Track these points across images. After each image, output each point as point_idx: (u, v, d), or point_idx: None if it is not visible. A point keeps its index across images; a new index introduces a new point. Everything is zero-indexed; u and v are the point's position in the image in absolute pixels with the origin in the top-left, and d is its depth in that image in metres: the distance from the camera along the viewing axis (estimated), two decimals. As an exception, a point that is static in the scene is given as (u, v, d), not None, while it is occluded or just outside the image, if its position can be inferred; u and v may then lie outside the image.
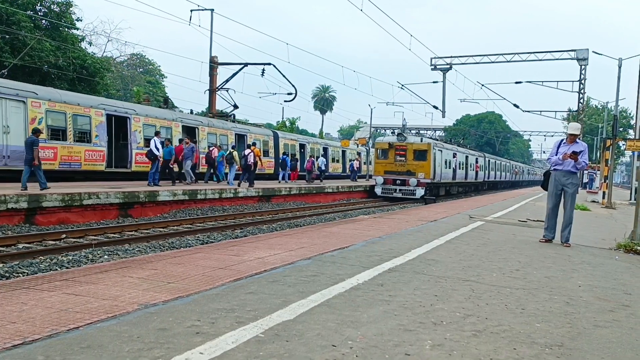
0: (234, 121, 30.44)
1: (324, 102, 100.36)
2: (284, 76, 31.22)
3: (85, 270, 5.17)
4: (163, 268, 5.27)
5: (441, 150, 32.68)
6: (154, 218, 15.74)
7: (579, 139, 8.47)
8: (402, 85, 39.26)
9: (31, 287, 4.32)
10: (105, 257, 9.68)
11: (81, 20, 35.03)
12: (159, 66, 69.36)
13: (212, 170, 23.65)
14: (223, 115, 30.52)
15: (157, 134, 19.76)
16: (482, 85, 38.92)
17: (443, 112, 41.18)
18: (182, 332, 3.23)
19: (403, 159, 30.66)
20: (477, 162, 43.89)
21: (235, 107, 31.47)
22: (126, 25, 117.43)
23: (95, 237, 11.82)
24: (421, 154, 30.52)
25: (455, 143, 41.25)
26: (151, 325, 3.35)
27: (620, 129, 58.40)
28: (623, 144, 32.56)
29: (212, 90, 31.75)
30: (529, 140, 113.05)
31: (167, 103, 26.84)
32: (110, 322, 3.39)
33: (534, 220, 12.27)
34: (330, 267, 5.55)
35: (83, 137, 19.45)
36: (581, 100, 38.37)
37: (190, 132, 24.89)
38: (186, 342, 3.05)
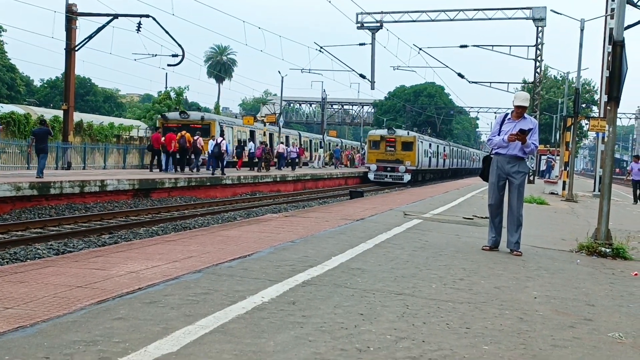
0: (279, 126, 48.59)
1: (220, 67, 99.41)
2: (167, 32, 30.99)
3: None
4: (-1, 288, 5.01)
5: (422, 142, 48.91)
6: (-11, 221, 15.03)
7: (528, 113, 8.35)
8: (321, 48, 39.62)
9: None
10: None
11: None
12: (-5, 15, 65.90)
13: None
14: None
15: None
16: (420, 49, 39.90)
17: (372, 82, 42.00)
18: (23, 375, 3.07)
19: (393, 149, 46.41)
20: (444, 150, 59.58)
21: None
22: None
23: None
24: (408, 145, 46.54)
25: (425, 133, 58.66)
26: (-21, 367, 3.16)
27: (583, 105, 61.94)
28: (586, 124, 34.48)
29: (70, 50, 30.60)
30: (477, 118, 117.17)
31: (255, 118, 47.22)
32: None
33: (481, 217, 12.76)
34: (227, 281, 5.49)
35: (243, 144, 38.98)
36: (538, 70, 40.20)
37: (271, 136, 45.84)
38: (28, 388, 2.91)
